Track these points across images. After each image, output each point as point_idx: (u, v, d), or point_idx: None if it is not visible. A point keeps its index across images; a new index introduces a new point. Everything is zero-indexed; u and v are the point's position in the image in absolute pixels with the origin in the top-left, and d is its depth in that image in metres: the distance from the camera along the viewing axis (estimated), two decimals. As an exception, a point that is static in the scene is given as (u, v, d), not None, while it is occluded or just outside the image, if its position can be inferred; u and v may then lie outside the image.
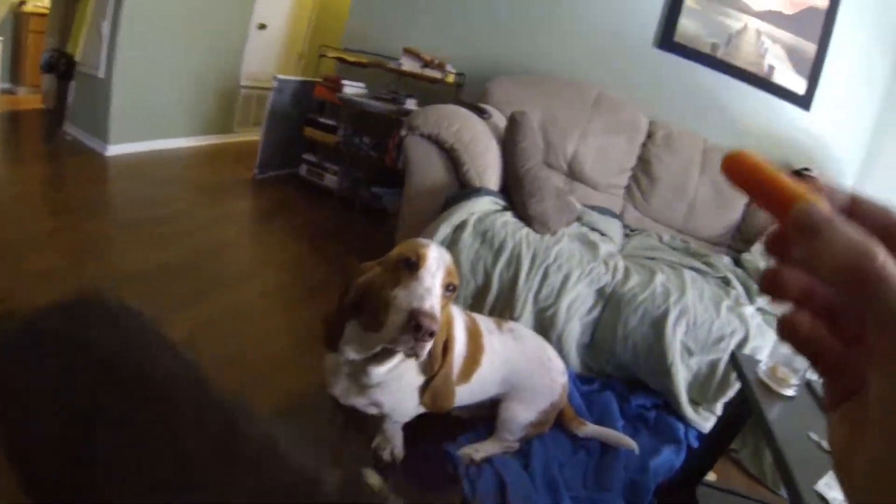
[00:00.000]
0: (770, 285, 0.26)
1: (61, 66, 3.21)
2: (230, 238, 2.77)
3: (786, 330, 0.27)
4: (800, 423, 1.29)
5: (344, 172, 3.53)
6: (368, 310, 1.20)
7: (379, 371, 1.28)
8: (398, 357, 1.27)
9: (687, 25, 3.06)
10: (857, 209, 0.25)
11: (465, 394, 1.53)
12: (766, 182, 0.25)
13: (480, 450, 1.66)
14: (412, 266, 1.12)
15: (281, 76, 3.65)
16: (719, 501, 1.62)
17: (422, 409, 1.48)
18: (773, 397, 1.37)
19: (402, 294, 1.08)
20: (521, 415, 1.65)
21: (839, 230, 0.22)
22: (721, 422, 1.65)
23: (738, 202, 2.90)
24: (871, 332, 0.22)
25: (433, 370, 1.31)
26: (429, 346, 1.09)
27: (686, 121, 3.10)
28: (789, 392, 1.38)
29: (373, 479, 1.50)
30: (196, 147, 4.15)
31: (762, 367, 1.46)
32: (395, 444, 1.59)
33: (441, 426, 1.74)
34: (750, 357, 1.89)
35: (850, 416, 0.25)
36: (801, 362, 1.41)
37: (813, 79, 3.05)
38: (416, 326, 1.01)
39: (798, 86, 3.07)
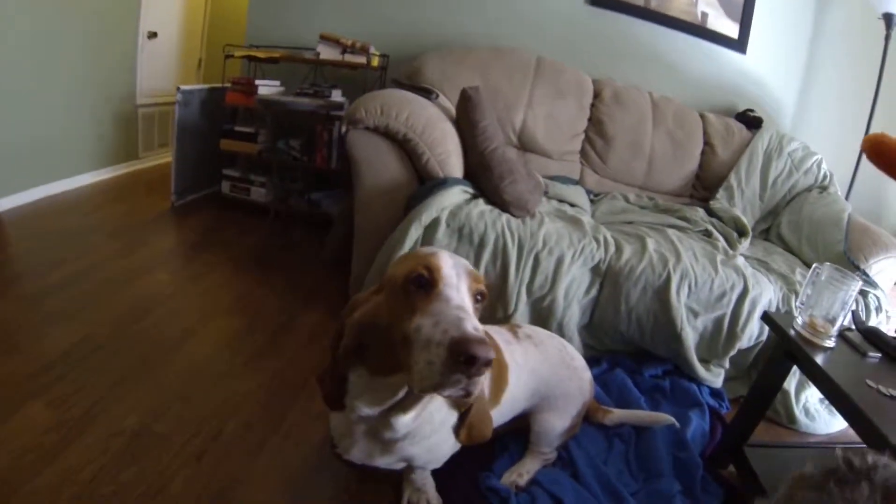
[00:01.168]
0: None
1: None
2: (160, 287, 2.32)
3: None
4: (855, 372, 1.26)
5: (272, 183, 3.14)
6: (376, 352, 0.93)
7: (405, 420, 1.00)
8: (426, 398, 1.00)
9: (615, -22, 2.91)
10: None
11: (496, 417, 1.30)
12: None
13: (523, 472, 1.45)
14: (426, 284, 0.84)
15: (184, 87, 3.18)
16: (768, 456, 1.52)
17: (456, 448, 1.24)
18: (816, 349, 1.33)
19: (428, 323, 0.78)
20: (557, 424, 1.45)
21: None
22: (758, 383, 1.58)
23: (694, 151, 2.80)
24: None
25: (469, 403, 1.03)
26: (485, 379, 0.82)
27: (628, 76, 2.98)
28: (829, 343, 1.34)
29: None
30: (100, 182, 3.57)
31: (799, 322, 1.41)
32: (428, 493, 1.33)
33: (467, 454, 1.50)
34: (782, 314, 1.81)
35: None
36: (838, 312, 1.37)
37: (745, 23, 3.02)
38: (468, 360, 0.72)
39: (731, 30, 3.03)
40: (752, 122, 2.95)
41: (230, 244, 2.89)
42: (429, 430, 1.07)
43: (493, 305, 1.89)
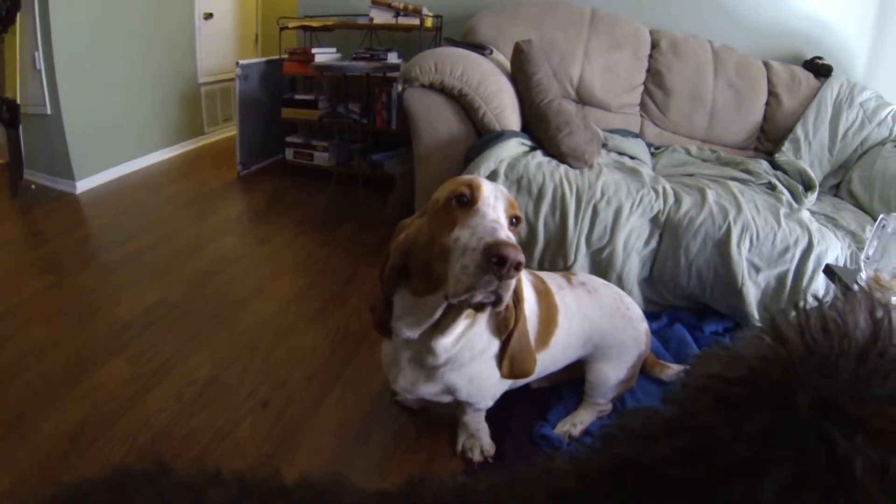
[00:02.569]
0: None
1: (4, 114, 2.77)
2: (229, 251, 2.44)
3: None
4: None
5: (334, 147, 3.20)
6: (419, 270, 0.96)
7: (445, 343, 1.03)
8: (463, 322, 1.02)
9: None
10: None
11: (547, 361, 1.30)
12: None
13: (577, 423, 1.45)
14: (466, 202, 0.91)
15: (243, 61, 3.27)
16: None
17: (503, 386, 1.24)
18: None
19: (465, 234, 0.85)
20: (612, 374, 1.42)
21: None
22: None
23: (758, 102, 2.64)
24: None
25: (508, 326, 1.06)
26: (514, 284, 0.85)
27: (686, 26, 2.81)
28: (896, 300, 1.25)
29: None
30: (169, 159, 3.75)
31: (863, 277, 1.32)
32: (482, 440, 1.35)
33: (522, 403, 1.51)
34: (845, 268, 1.70)
35: None
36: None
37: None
38: (498, 261, 0.77)
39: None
40: (820, 70, 2.74)
41: (295, 208, 2.97)
42: (468, 357, 1.08)
43: (554, 257, 1.88)
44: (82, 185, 3.02)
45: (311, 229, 2.70)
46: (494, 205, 0.92)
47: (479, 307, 0.92)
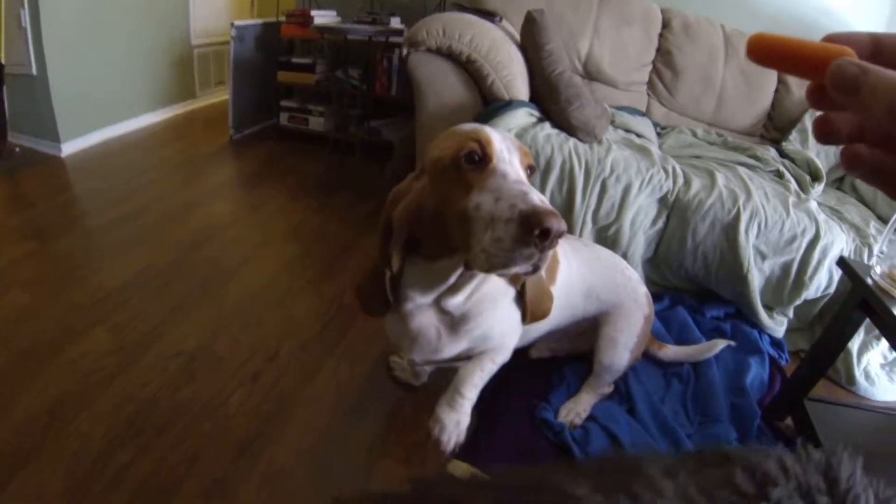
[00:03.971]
0: (822, 131, 0.27)
1: (-12, 75, 2.61)
2: (219, 217, 2.31)
3: (849, 161, 0.27)
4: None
5: (331, 112, 3.06)
6: (429, 237, 0.86)
7: (456, 301, 0.95)
8: (479, 278, 0.93)
9: None
10: (879, 49, 0.25)
11: (554, 310, 1.18)
12: (795, 51, 0.25)
13: (580, 411, 1.38)
14: (478, 161, 0.77)
15: (239, 22, 3.10)
16: (829, 413, 1.39)
17: (520, 331, 1.14)
18: (894, 302, 1.17)
19: (487, 200, 0.72)
20: (619, 339, 1.35)
21: (875, 75, 0.22)
22: (826, 334, 1.42)
23: (767, 89, 2.56)
24: None
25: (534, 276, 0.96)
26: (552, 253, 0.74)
27: (697, 7, 2.70)
28: (911, 296, 1.19)
29: (459, 468, 1.20)
30: (159, 122, 3.56)
31: (877, 271, 1.25)
32: (461, 425, 1.14)
33: (526, 382, 1.44)
34: (859, 262, 1.64)
35: None
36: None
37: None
38: (542, 233, 0.66)
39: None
40: None
41: (288, 173, 2.85)
42: (489, 306, 0.99)
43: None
44: (68, 148, 2.86)
45: (305, 196, 2.58)
46: (510, 160, 0.78)
47: (513, 278, 0.82)
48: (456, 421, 1.09)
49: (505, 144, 0.80)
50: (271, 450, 1.21)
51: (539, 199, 0.69)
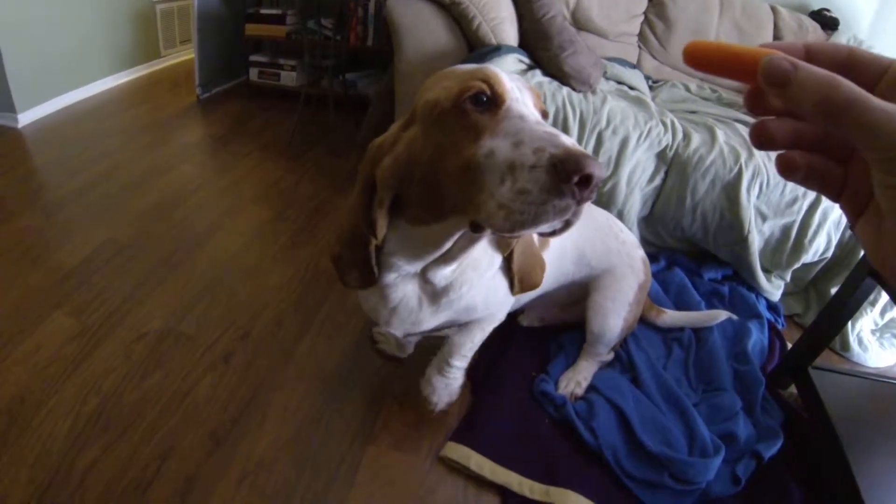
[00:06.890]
0: (759, 138, 0.26)
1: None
2: (185, 183, 2.08)
3: (784, 166, 0.26)
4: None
5: (303, 66, 2.80)
6: (420, 197, 0.68)
7: (445, 272, 0.82)
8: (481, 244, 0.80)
9: None
10: (812, 55, 0.25)
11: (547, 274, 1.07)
12: (730, 55, 0.25)
13: (580, 380, 1.25)
14: (488, 101, 0.60)
15: (202, -26, 2.79)
16: (836, 382, 1.28)
17: (510, 300, 1.02)
18: None
19: (504, 146, 0.56)
20: (611, 310, 1.23)
21: (805, 70, 0.22)
22: (835, 301, 1.31)
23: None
24: (860, 146, 0.22)
25: (510, 242, 0.84)
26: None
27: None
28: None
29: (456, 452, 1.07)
30: (121, 86, 3.22)
31: None
32: (452, 387, 1.09)
33: (525, 351, 1.30)
34: None
35: (870, 222, 0.25)
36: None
37: None
38: (583, 180, 0.51)
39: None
40: (827, 22, 2.50)
41: (259, 133, 2.61)
42: (473, 275, 0.86)
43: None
44: (25, 118, 2.55)
45: (276, 155, 2.36)
46: (524, 101, 0.62)
47: (501, 244, 0.66)
48: (446, 383, 1.06)
49: (517, 85, 0.63)
50: (248, 441, 1.06)
51: (570, 141, 0.53)
